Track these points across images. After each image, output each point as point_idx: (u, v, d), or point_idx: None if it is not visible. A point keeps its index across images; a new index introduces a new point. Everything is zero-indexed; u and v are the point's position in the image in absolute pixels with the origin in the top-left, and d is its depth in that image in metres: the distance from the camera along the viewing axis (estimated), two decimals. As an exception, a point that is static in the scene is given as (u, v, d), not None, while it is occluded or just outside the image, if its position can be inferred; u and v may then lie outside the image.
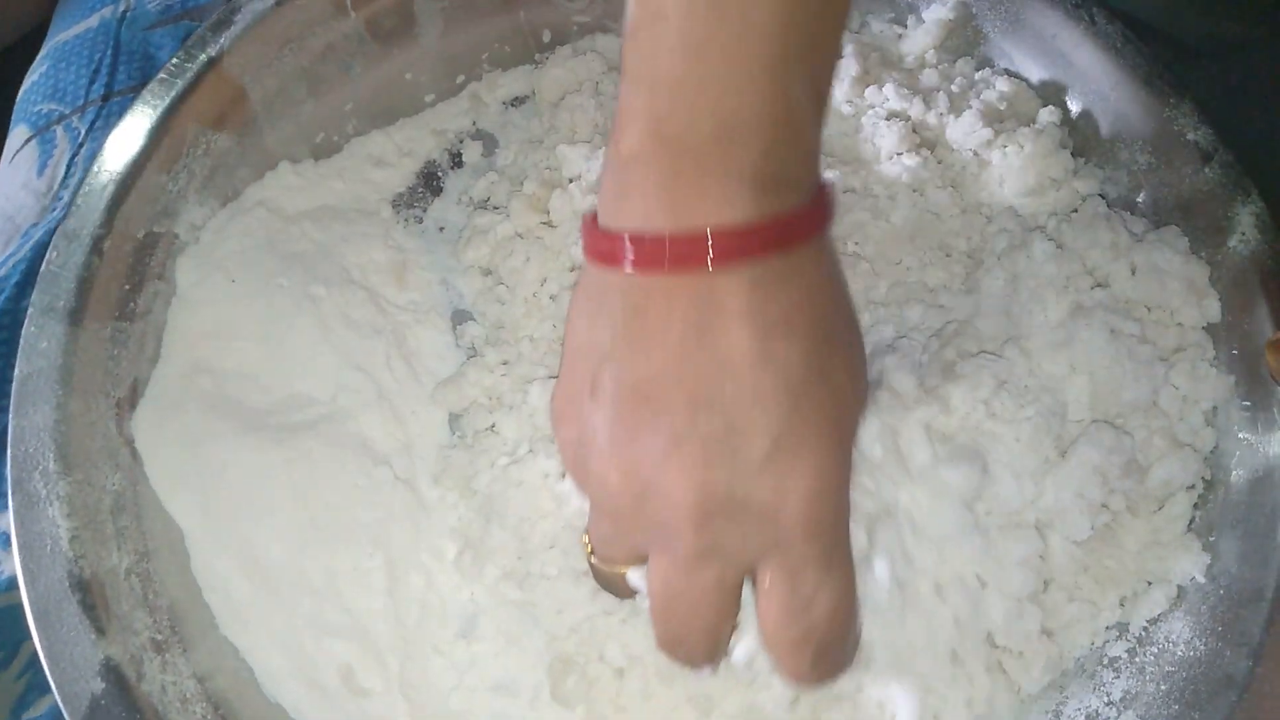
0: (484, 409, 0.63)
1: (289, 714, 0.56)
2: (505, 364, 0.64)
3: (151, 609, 0.55)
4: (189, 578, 0.57)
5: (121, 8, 0.76)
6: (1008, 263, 0.61)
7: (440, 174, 0.72)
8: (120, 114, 0.62)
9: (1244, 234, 0.60)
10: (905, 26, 0.72)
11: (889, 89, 0.67)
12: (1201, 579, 0.55)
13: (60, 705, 0.49)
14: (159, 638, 0.54)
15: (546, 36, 0.74)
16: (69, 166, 0.75)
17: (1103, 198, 0.64)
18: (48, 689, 0.51)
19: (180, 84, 0.62)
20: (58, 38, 0.76)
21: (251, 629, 0.57)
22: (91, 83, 0.76)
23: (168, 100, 0.62)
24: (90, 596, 0.52)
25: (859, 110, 0.67)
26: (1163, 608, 0.56)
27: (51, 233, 0.60)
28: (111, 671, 0.51)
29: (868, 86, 0.68)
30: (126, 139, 0.61)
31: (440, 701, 0.58)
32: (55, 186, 0.75)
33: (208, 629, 0.56)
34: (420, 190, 0.72)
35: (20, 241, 0.74)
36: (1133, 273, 0.60)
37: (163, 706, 0.52)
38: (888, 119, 0.66)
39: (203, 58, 0.63)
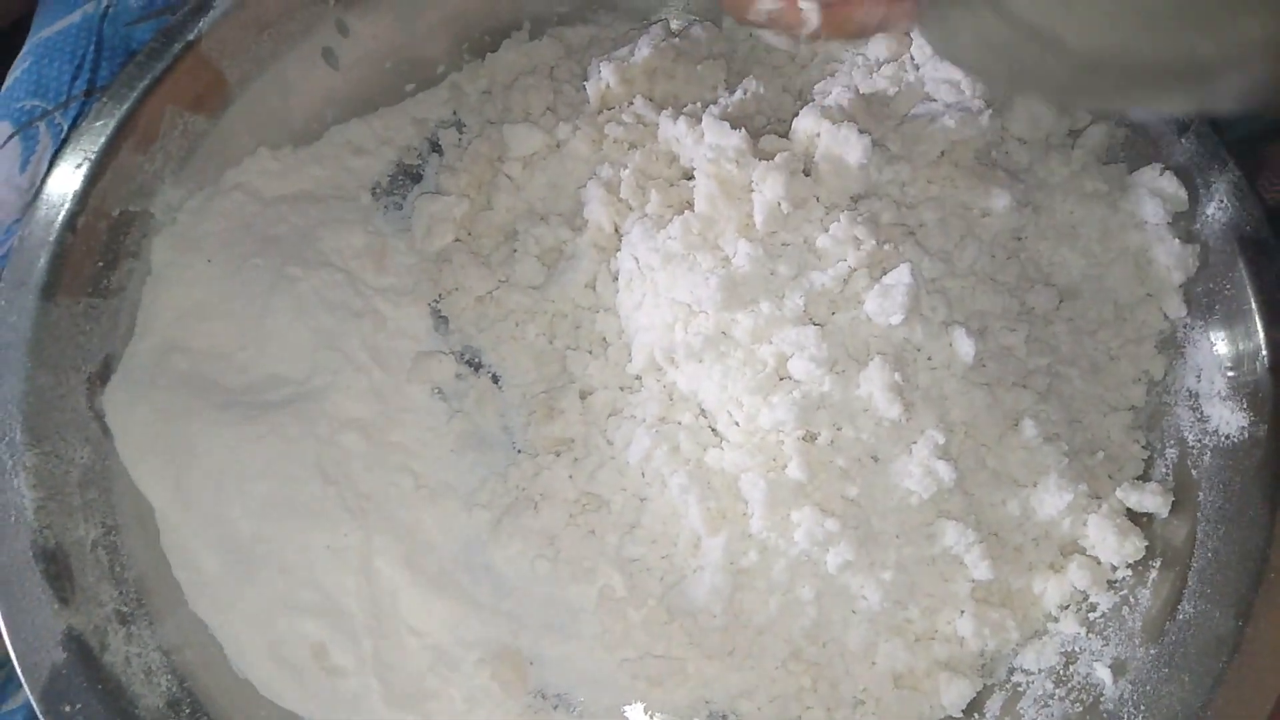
0: None
1: (258, 691, 0.55)
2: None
3: (118, 582, 0.54)
4: (158, 552, 0.56)
5: (104, 3, 0.76)
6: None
7: (420, 162, 0.72)
8: (103, 108, 0.62)
9: (1222, 201, 0.60)
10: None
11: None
12: (1178, 544, 0.55)
13: (20, 675, 0.48)
14: (125, 610, 0.53)
15: (526, 27, 0.75)
16: (51, 163, 0.75)
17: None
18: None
19: (158, 66, 0.63)
20: (40, 34, 0.76)
21: (221, 605, 0.56)
22: (74, 79, 0.76)
23: (144, 81, 0.62)
24: (54, 567, 0.51)
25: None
26: (1132, 575, 0.55)
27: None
28: (74, 641, 0.50)
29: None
30: (102, 119, 0.61)
31: (415, 683, 0.57)
32: (38, 183, 0.75)
33: (176, 604, 0.55)
34: (400, 178, 0.72)
35: (2, 238, 0.74)
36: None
37: (126, 678, 0.51)
38: None
39: (180, 40, 0.63)
